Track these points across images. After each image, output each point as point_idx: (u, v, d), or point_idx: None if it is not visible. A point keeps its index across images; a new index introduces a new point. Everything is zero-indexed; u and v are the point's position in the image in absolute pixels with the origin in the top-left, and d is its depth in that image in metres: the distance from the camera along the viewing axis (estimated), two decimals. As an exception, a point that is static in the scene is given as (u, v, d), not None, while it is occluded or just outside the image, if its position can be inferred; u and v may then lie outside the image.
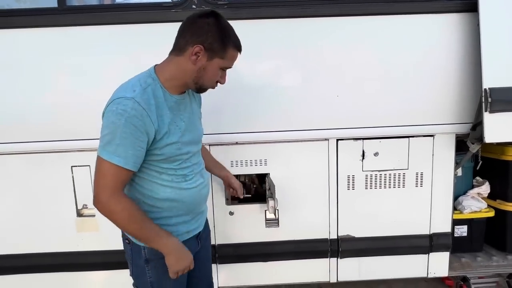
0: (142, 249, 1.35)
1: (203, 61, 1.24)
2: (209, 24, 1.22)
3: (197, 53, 1.22)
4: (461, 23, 1.95)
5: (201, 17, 1.23)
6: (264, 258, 2.19)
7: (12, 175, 2.06)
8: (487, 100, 1.86)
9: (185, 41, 1.23)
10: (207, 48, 1.22)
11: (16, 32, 1.90)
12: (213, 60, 1.25)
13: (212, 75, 1.30)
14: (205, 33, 1.21)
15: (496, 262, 2.34)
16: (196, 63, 1.24)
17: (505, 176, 2.37)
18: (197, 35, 1.21)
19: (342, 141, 2.10)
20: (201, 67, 1.25)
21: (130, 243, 1.37)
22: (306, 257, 2.19)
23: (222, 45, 1.24)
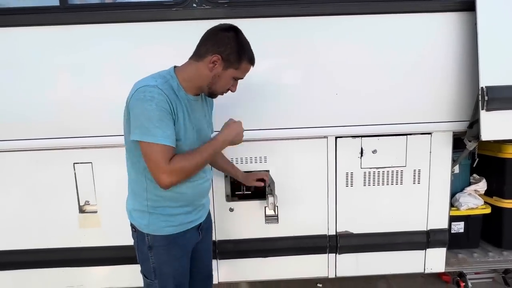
0: (145, 236, 1.45)
1: (219, 69, 1.38)
2: (229, 37, 1.36)
3: (214, 62, 1.36)
4: (459, 22, 1.96)
5: (222, 30, 1.38)
6: (264, 254, 2.22)
7: (15, 172, 2.08)
8: (484, 98, 1.89)
9: (205, 49, 1.37)
10: (224, 58, 1.36)
11: (18, 30, 1.92)
12: (228, 70, 1.39)
13: (225, 83, 1.43)
14: (224, 45, 1.35)
15: (492, 258, 2.38)
16: (212, 70, 1.37)
17: (501, 173, 2.40)
18: (217, 46, 1.35)
19: (341, 138, 2.12)
20: (216, 75, 1.38)
21: (136, 231, 1.48)
22: (305, 253, 2.22)
23: (238, 57, 1.38)
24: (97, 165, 2.09)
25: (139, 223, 1.47)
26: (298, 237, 2.20)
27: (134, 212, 1.49)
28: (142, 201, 1.44)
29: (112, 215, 2.11)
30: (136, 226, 1.48)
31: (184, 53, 1.95)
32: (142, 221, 1.46)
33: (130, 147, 1.40)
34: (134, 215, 1.49)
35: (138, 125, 1.27)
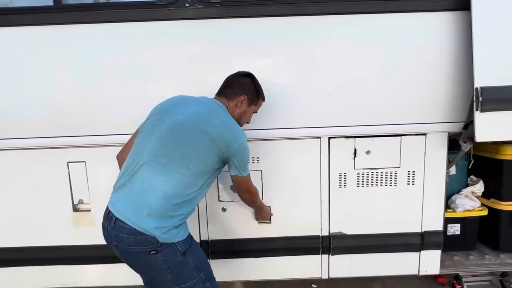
0: (176, 245, 1.51)
1: (245, 107, 1.77)
2: (249, 81, 1.78)
3: (242, 101, 1.75)
4: (454, 22, 1.94)
5: (242, 76, 1.79)
6: (256, 254, 2.22)
7: (9, 170, 2.10)
8: (478, 99, 1.86)
9: (233, 91, 1.74)
10: (249, 98, 1.76)
11: (12, 30, 1.94)
12: (250, 106, 1.80)
13: (248, 117, 1.86)
14: (247, 87, 1.76)
15: (489, 261, 2.35)
16: (240, 108, 1.76)
17: (499, 175, 2.37)
18: (242, 89, 1.75)
19: (334, 139, 2.11)
20: (243, 111, 1.77)
21: (159, 251, 1.47)
22: (298, 254, 2.22)
23: (256, 96, 1.81)
24: (91, 164, 2.11)
25: (173, 237, 1.50)
26: (291, 238, 2.20)
27: (170, 231, 1.49)
28: (180, 216, 1.53)
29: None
30: (166, 241, 1.47)
31: (177, 53, 2.00)
32: (177, 233, 1.51)
33: (208, 171, 1.58)
34: (169, 234, 1.48)
35: (241, 166, 1.67)
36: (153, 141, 1.54)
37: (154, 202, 1.46)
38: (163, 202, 1.46)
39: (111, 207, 1.53)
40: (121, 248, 1.49)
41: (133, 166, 1.53)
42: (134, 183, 1.50)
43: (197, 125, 1.55)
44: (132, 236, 1.45)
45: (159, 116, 1.62)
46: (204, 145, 1.53)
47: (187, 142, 1.52)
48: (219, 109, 1.66)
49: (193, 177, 1.53)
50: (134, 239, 1.45)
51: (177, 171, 1.49)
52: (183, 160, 1.50)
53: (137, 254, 1.48)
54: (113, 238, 1.50)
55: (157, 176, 1.47)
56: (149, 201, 1.46)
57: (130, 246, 1.47)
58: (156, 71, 2.01)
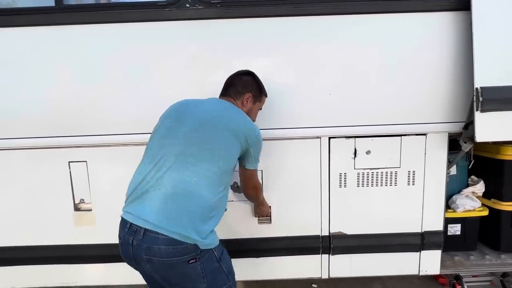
0: (213, 251, 1.47)
1: (250, 104, 1.79)
2: (250, 79, 1.80)
3: (247, 99, 1.77)
4: (454, 22, 1.94)
5: (244, 75, 1.80)
6: (257, 254, 2.22)
7: (11, 170, 2.12)
8: (479, 99, 1.86)
9: (237, 90, 1.76)
10: (253, 95, 1.78)
11: (14, 30, 1.95)
12: (255, 104, 1.82)
13: (255, 114, 1.87)
14: (250, 85, 1.78)
15: (489, 261, 2.34)
16: (246, 106, 1.77)
17: (500, 175, 2.37)
18: (246, 87, 1.77)
19: (334, 139, 2.11)
20: (249, 109, 1.79)
21: (197, 259, 1.41)
22: (298, 253, 2.22)
23: (260, 93, 1.83)
24: (92, 164, 2.12)
25: (212, 242, 1.46)
26: (291, 238, 2.20)
27: (209, 236, 1.45)
28: (215, 218, 1.50)
29: (106, 213, 2.14)
30: (206, 248, 1.43)
31: (178, 53, 2.00)
32: (213, 238, 1.49)
33: (233, 167, 1.60)
34: (209, 239, 1.44)
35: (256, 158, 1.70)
36: (177, 143, 1.48)
37: (192, 206, 1.39)
38: (200, 204, 1.41)
39: (133, 219, 1.40)
40: (155, 261, 1.38)
41: (154, 172, 1.44)
42: (162, 189, 1.40)
43: (220, 121, 1.56)
44: (171, 246, 1.36)
45: (175, 118, 1.58)
46: (229, 140, 1.54)
47: (214, 139, 1.51)
48: (231, 105, 1.69)
49: (222, 175, 1.52)
50: (172, 249, 1.36)
51: (208, 169, 1.45)
52: (213, 157, 1.48)
53: (175, 266, 1.38)
54: (143, 252, 1.37)
55: (189, 178, 1.41)
56: (186, 206, 1.39)
57: (167, 257, 1.36)
58: (157, 71, 2.02)
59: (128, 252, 1.42)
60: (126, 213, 1.46)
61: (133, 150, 2.08)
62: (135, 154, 2.05)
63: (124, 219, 1.45)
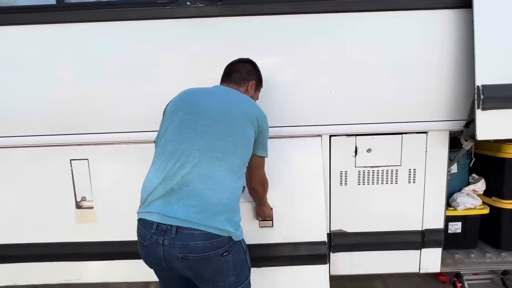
0: (241, 243, 1.51)
1: (253, 92, 1.79)
2: (253, 67, 1.81)
3: (251, 86, 1.78)
4: (455, 19, 1.93)
5: (246, 62, 1.81)
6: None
7: (13, 168, 2.13)
8: (480, 97, 1.85)
9: (242, 77, 1.75)
10: (256, 82, 1.80)
11: (15, 29, 1.96)
12: (256, 92, 1.84)
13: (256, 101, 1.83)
14: (253, 73, 1.80)
15: (490, 259, 2.35)
16: (249, 92, 1.77)
17: (501, 173, 2.37)
18: (249, 74, 1.78)
19: (335, 137, 2.11)
20: (252, 96, 1.77)
21: (230, 251, 1.42)
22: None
23: (259, 80, 1.85)
24: (93, 162, 2.13)
25: (241, 233, 1.50)
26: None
27: (239, 227, 1.49)
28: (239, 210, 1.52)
29: (108, 211, 2.15)
30: (237, 239, 1.46)
31: (179, 51, 2.00)
32: (241, 229, 1.51)
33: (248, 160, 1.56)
34: (239, 230, 1.48)
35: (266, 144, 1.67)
36: (198, 138, 1.44)
37: (224, 200, 1.40)
38: (231, 197, 1.44)
39: (161, 219, 1.36)
40: (191, 258, 1.35)
41: (177, 169, 1.40)
42: (190, 185, 1.37)
43: (236, 110, 1.53)
44: (208, 241, 1.35)
45: (189, 110, 1.51)
46: (247, 129, 1.52)
47: (234, 131, 1.49)
48: (238, 92, 1.67)
49: (243, 166, 1.53)
50: (210, 243, 1.36)
51: (234, 162, 1.46)
52: (236, 150, 1.47)
53: (211, 260, 1.38)
54: (178, 251, 1.34)
55: (218, 173, 1.41)
56: (219, 200, 1.39)
57: (204, 252, 1.35)
58: (157, 69, 2.02)
59: (157, 253, 1.38)
60: (149, 214, 1.40)
61: (135, 148, 2.09)
62: (137, 151, 2.08)
63: (147, 220, 1.39)
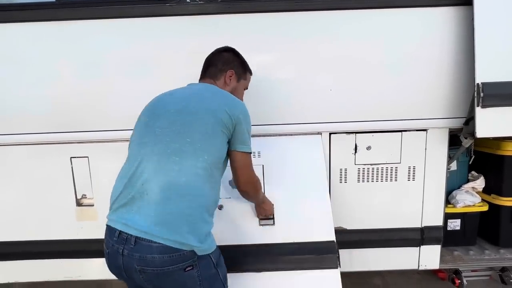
0: (210, 257, 1.35)
1: (234, 82, 1.62)
2: (231, 55, 1.64)
3: (230, 77, 1.60)
4: (455, 17, 1.93)
5: (224, 51, 1.64)
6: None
7: (13, 165, 2.13)
8: (479, 95, 1.86)
9: (218, 69, 1.59)
10: (236, 72, 1.62)
11: (15, 26, 1.95)
12: (240, 81, 1.66)
13: (240, 94, 1.68)
14: (232, 62, 1.62)
15: (488, 256, 2.36)
16: (230, 84, 1.60)
17: (500, 170, 2.37)
18: (227, 64, 1.60)
19: (335, 134, 2.12)
20: (233, 88, 1.61)
21: (194, 266, 1.29)
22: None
23: (243, 69, 1.67)
24: (94, 159, 2.13)
25: (210, 247, 1.34)
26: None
27: (207, 239, 1.33)
28: (210, 220, 1.37)
29: (108, 208, 2.15)
30: (204, 253, 1.31)
31: (178, 48, 2.00)
32: (211, 242, 1.36)
33: (221, 158, 1.41)
34: (206, 243, 1.32)
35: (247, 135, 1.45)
36: (156, 141, 1.34)
37: (186, 209, 1.27)
38: (194, 206, 1.29)
39: (123, 227, 1.27)
40: (149, 271, 1.25)
41: (137, 175, 1.31)
42: (150, 193, 1.27)
43: (196, 106, 1.38)
44: (166, 254, 1.23)
45: (150, 113, 1.45)
46: (210, 126, 1.35)
47: (193, 128, 1.34)
48: (209, 86, 1.53)
49: (212, 169, 1.36)
50: (169, 257, 1.24)
51: (194, 166, 1.31)
52: (196, 151, 1.32)
53: (171, 275, 1.26)
54: (135, 262, 1.25)
55: (177, 179, 1.28)
56: (180, 210, 1.26)
57: (163, 266, 1.24)
58: (157, 67, 2.02)
59: (117, 263, 1.29)
60: (112, 221, 1.32)
61: (135, 146, 2.09)
62: (137, 149, 2.08)
63: (111, 227, 1.31)
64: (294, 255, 1.78)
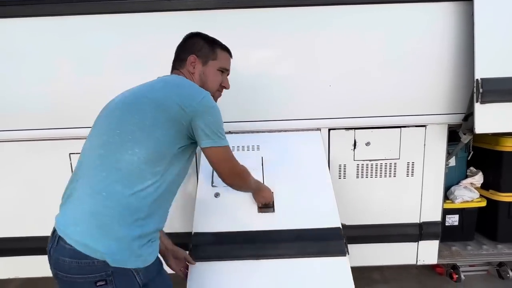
0: (133, 273, 1.12)
1: (199, 67, 1.42)
2: (196, 39, 1.46)
3: (192, 62, 1.42)
4: (455, 12, 1.93)
5: (188, 38, 1.48)
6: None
7: (12, 162, 2.12)
8: (479, 91, 1.86)
9: (180, 59, 1.44)
10: (199, 55, 1.42)
11: (13, 21, 1.94)
12: (208, 64, 1.44)
13: (213, 78, 1.45)
14: (193, 45, 1.44)
15: (486, 251, 2.37)
16: (195, 71, 1.42)
17: (498, 166, 2.38)
18: (189, 50, 1.43)
19: (334, 130, 2.12)
20: (200, 73, 1.42)
21: (108, 282, 1.09)
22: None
23: (210, 48, 1.44)
24: (93, 156, 2.12)
25: (130, 260, 1.11)
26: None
27: (126, 250, 1.10)
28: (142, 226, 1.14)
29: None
30: (120, 266, 1.09)
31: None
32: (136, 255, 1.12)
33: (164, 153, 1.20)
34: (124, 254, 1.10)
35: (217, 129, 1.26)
36: (92, 135, 1.26)
37: (100, 208, 1.09)
38: (112, 206, 1.10)
39: (55, 224, 1.16)
40: (60, 277, 1.09)
41: (76, 171, 1.23)
42: (76, 190, 1.16)
43: (136, 97, 1.25)
44: (75, 260, 1.06)
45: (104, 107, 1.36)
46: (148, 116, 1.18)
47: (125, 119, 1.19)
48: (167, 77, 1.40)
49: (145, 164, 1.15)
50: (76, 264, 1.06)
51: (120, 160, 1.13)
52: (124, 144, 1.15)
53: (81, 287, 1.07)
54: (53, 265, 1.11)
55: (99, 173, 1.13)
56: (94, 209, 1.09)
57: (70, 274, 1.07)
58: (156, 62, 1.99)
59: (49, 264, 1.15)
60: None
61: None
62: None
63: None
64: (297, 241, 1.62)
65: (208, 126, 1.23)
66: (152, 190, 1.17)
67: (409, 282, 2.65)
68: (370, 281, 2.64)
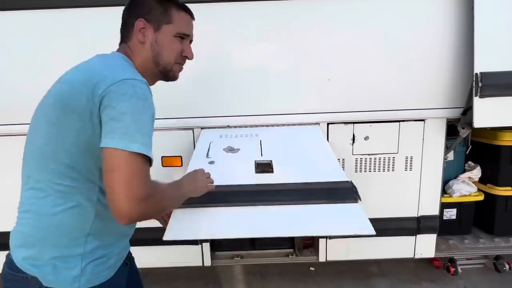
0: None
1: (150, 34, 1.08)
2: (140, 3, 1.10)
3: (142, 28, 1.07)
4: (454, 6, 1.92)
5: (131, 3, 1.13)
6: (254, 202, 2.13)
7: (11, 156, 2.11)
8: (478, 85, 1.86)
9: (127, 27, 1.11)
10: (149, 19, 1.07)
11: (10, 14, 1.92)
12: (161, 29, 1.08)
13: (170, 47, 1.10)
14: (141, 6, 1.08)
15: (483, 245, 2.39)
16: (145, 38, 1.08)
17: (496, 160, 2.39)
18: (135, 13, 1.08)
19: (333, 124, 2.12)
20: (152, 42, 1.08)
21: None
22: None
23: (162, 8, 1.08)
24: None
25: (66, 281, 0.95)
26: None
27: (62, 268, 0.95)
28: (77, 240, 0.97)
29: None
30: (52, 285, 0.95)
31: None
32: (74, 275, 0.96)
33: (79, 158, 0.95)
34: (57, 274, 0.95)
35: (120, 127, 0.87)
36: None
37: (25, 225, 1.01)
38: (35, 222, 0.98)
39: None
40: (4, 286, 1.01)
41: None
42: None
43: (49, 94, 1.05)
44: (11, 271, 0.97)
45: None
46: (51, 111, 0.98)
47: (40, 119, 1.02)
48: (93, 58, 1.10)
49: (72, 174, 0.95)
50: (11, 275, 0.97)
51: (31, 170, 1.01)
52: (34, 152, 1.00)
53: None
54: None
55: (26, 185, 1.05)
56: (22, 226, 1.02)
57: (7, 284, 0.99)
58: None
59: None
60: None
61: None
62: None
63: None
64: (302, 191, 1.36)
65: (120, 119, 0.87)
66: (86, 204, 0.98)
67: (406, 275, 2.67)
68: (367, 274, 2.67)
